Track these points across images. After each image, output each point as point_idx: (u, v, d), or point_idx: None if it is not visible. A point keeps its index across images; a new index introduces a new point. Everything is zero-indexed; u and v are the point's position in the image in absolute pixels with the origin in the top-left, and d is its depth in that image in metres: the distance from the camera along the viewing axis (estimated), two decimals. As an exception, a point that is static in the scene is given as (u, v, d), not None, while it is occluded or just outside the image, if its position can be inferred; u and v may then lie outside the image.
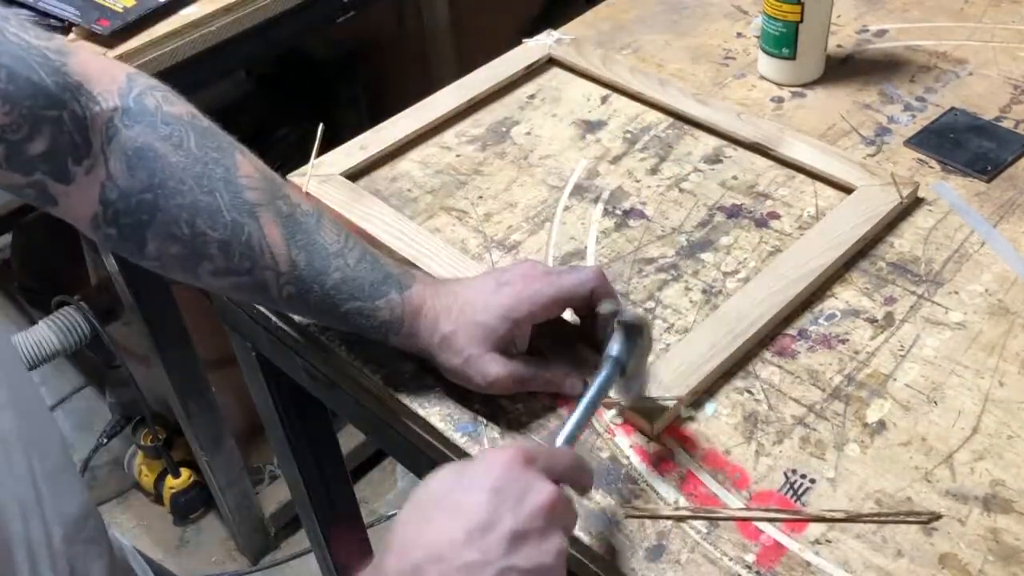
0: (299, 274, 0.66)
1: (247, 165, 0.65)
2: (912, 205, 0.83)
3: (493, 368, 0.66)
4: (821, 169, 0.86)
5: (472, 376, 0.67)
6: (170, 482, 1.73)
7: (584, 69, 1.02)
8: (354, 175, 0.91)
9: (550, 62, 1.05)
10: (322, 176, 0.89)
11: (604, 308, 0.66)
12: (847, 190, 0.84)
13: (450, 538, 0.49)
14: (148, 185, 0.62)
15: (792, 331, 0.73)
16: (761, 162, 0.89)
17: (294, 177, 0.88)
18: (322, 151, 0.90)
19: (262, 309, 0.80)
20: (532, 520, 0.50)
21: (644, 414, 0.66)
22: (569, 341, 0.72)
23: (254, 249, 0.64)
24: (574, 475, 0.56)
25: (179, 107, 0.65)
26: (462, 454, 0.68)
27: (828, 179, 0.86)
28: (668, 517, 0.62)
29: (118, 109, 0.62)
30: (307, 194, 0.86)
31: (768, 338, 0.73)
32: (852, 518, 0.60)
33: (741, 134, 0.91)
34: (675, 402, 0.67)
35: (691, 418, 0.68)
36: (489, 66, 1.03)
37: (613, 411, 0.69)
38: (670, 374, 0.69)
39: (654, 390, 0.67)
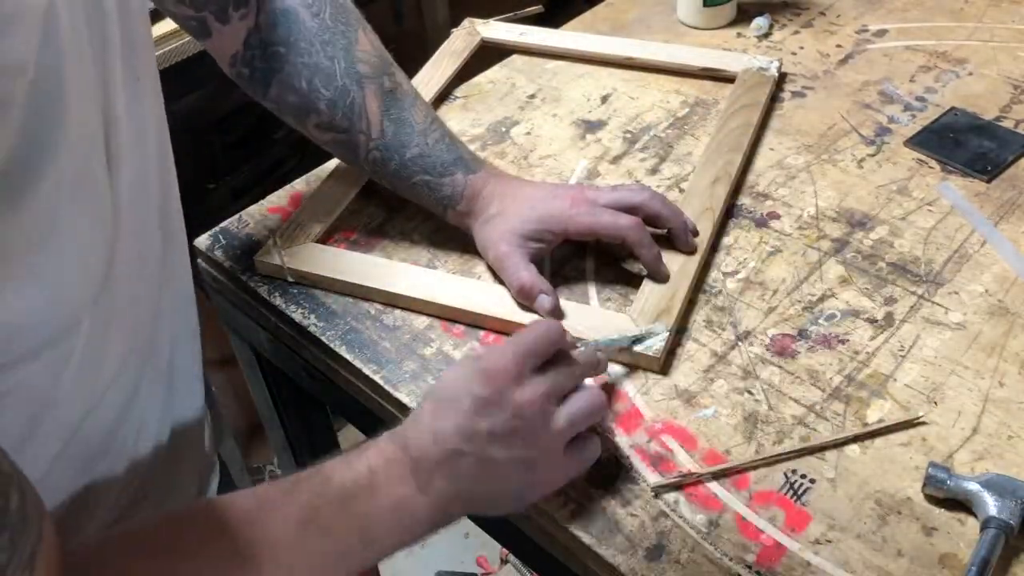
0: (386, 142, 0.77)
1: (366, 42, 0.78)
2: (914, 205, 0.83)
3: (525, 274, 0.74)
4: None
5: (505, 268, 0.75)
6: (171, 482, 1.73)
7: (515, 43, 1.08)
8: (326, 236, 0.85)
9: (484, 48, 1.08)
10: (292, 249, 0.81)
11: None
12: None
13: (443, 429, 0.57)
14: (284, 40, 0.76)
15: (792, 331, 0.73)
16: (761, 162, 0.90)
17: (260, 256, 0.81)
18: (325, 154, 0.89)
19: (262, 309, 0.81)
20: (507, 423, 0.57)
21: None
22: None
23: (355, 112, 0.77)
24: (577, 401, 0.61)
25: None
26: (462, 454, 0.68)
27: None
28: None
29: None
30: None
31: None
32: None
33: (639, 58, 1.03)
34: (665, 332, 0.71)
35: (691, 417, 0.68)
36: (427, 67, 1.04)
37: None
38: (654, 303, 0.74)
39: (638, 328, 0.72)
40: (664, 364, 0.71)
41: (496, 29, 1.09)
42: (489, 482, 0.58)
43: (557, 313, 0.73)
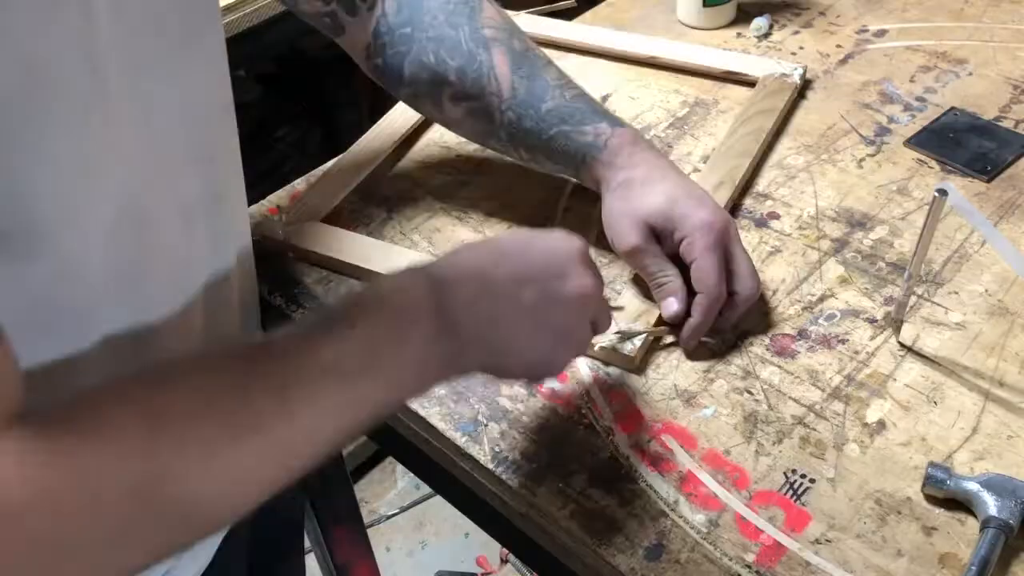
0: (518, 100, 0.75)
1: (492, 11, 0.78)
2: (914, 205, 0.83)
3: (632, 237, 0.71)
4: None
5: (613, 235, 0.73)
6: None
7: None
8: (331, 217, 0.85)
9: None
10: (295, 224, 0.82)
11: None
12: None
13: (503, 274, 0.55)
14: (409, 20, 0.77)
15: (792, 331, 0.73)
16: (761, 162, 0.90)
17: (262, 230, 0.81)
18: (325, 154, 0.89)
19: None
20: (567, 291, 0.57)
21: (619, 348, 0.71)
22: None
23: (483, 75, 0.75)
24: (603, 312, 0.62)
25: None
26: (462, 454, 0.68)
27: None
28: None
29: None
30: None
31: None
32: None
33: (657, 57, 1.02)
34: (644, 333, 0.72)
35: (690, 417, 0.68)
36: None
37: (595, 347, 0.71)
38: (636, 305, 0.75)
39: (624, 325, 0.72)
40: (641, 363, 0.71)
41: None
42: (517, 338, 0.56)
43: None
